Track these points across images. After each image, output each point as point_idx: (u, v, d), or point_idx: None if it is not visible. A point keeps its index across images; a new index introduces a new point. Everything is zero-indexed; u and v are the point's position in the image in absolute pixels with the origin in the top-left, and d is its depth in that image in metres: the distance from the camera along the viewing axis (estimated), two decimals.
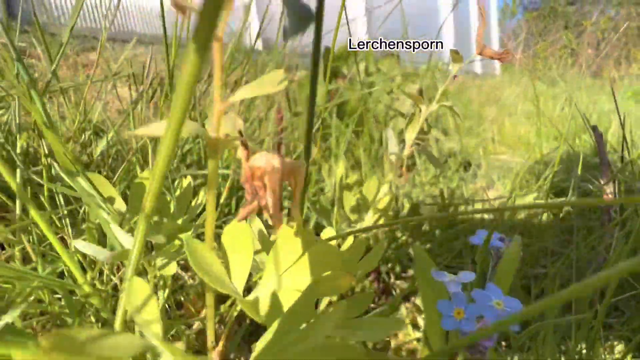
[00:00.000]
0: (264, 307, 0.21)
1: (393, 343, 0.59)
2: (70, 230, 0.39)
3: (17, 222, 0.35)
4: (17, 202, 0.35)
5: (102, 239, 0.40)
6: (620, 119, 0.80)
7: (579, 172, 1.05)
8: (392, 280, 0.62)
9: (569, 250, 0.71)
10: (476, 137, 1.81)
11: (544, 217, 0.96)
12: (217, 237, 0.26)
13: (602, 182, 0.76)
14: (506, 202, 0.94)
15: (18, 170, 0.34)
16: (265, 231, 0.28)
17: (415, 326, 0.57)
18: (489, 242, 0.28)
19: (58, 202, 0.37)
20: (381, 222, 0.43)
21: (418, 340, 0.53)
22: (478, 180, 1.13)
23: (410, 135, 0.40)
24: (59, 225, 0.39)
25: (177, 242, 0.32)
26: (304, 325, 0.19)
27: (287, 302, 0.21)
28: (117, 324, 0.21)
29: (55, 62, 0.40)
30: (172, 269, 0.31)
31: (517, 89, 4.31)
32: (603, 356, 0.50)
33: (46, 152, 0.36)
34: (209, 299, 0.24)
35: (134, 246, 0.20)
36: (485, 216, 0.83)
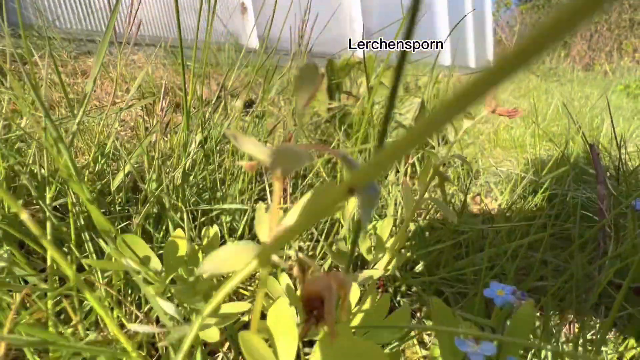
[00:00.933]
0: None
1: None
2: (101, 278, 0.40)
3: (50, 279, 0.36)
4: (48, 256, 0.36)
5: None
6: (612, 124, 0.83)
7: (571, 182, 1.08)
8: (398, 298, 0.65)
9: (567, 265, 0.75)
10: (473, 138, 1.84)
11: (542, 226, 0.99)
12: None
13: (599, 201, 0.79)
14: (505, 212, 0.98)
15: (48, 225, 0.36)
16: (292, 285, 0.31)
17: (422, 343, 0.60)
18: (502, 298, 0.30)
19: (87, 249, 0.39)
20: (394, 262, 0.45)
21: (425, 358, 0.56)
22: (476, 188, 1.16)
23: (423, 190, 0.42)
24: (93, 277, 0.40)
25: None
26: None
27: None
28: None
29: (82, 106, 0.41)
30: (216, 336, 0.32)
31: (511, 84, 4.34)
32: None
33: (74, 201, 0.37)
34: None
35: (189, 334, 0.22)
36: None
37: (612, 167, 1.20)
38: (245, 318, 0.53)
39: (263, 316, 0.29)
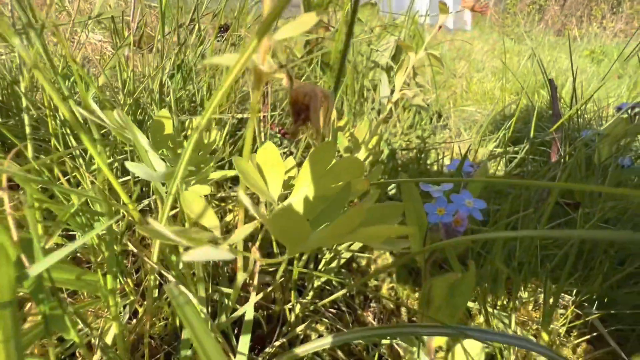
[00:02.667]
0: (298, 209, 0.27)
1: (373, 267, 0.68)
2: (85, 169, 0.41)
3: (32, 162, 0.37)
4: (29, 144, 0.36)
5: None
6: (573, 74, 0.89)
7: (534, 123, 1.17)
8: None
9: (518, 191, 0.83)
10: (447, 90, 1.89)
11: (502, 163, 1.08)
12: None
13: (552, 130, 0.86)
14: (471, 148, 1.04)
15: (26, 118, 0.35)
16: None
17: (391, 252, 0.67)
18: (462, 167, 0.35)
19: (70, 144, 0.39)
20: (370, 160, 0.49)
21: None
22: (447, 131, 1.22)
23: (400, 81, 0.45)
24: (71, 165, 0.41)
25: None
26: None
27: (317, 206, 0.26)
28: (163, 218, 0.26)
29: None
30: (206, 190, 0.35)
31: (486, 46, 4.39)
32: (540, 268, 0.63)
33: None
34: (241, 214, 0.29)
35: (181, 160, 0.24)
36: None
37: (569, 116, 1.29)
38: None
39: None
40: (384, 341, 0.50)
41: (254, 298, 0.35)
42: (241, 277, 0.35)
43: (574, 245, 0.55)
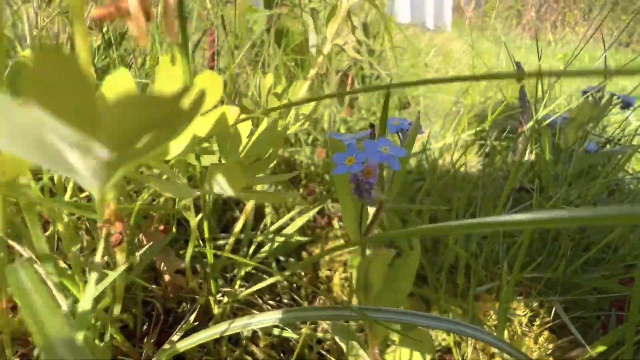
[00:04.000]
0: None
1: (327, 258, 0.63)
2: None
3: None
4: None
5: None
6: (538, 53, 0.87)
7: (498, 111, 1.15)
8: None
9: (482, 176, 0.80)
10: (426, 86, 1.88)
11: (472, 149, 1.05)
12: None
13: (520, 115, 0.84)
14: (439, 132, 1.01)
15: None
16: None
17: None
18: (398, 125, 0.30)
19: None
20: (306, 126, 0.44)
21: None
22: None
23: (332, 29, 0.40)
24: None
25: None
26: None
27: None
28: None
29: None
30: None
31: (464, 46, 4.46)
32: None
33: None
34: None
35: None
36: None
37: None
38: None
39: None
40: (327, 336, 0.45)
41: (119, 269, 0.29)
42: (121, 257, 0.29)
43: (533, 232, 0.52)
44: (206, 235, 0.37)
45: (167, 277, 0.41)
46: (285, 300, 0.50)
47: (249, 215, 0.51)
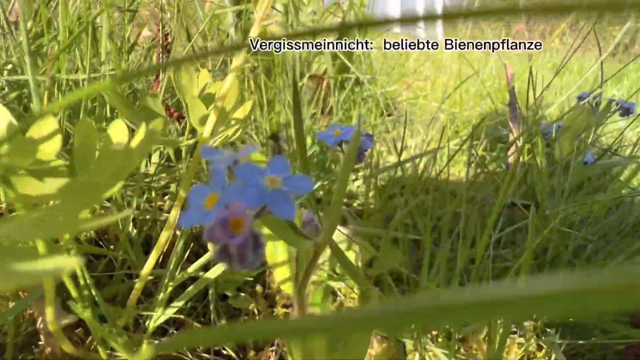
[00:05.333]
0: None
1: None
2: None
3: None
4: None
5: None
6: (530, 79, 0.80)
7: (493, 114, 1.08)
8: None
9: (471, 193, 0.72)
10: (412, 93, 1.82)
11: (463, 159, 0.97)
12: None
13: (510, 122, 0.77)
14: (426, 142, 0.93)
15: None
16: None
17: None
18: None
19: None
20: (238, 135, 0.35)
21: None
22: (402, 127, 1.11)
23: (263, 5, 0.32)
24: None
25: None
26: None
27: None
28: None
29: None
30: None
31: (456, 53, 4.47)
32: None
33: None
34: None
35: None
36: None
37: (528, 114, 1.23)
38: None
39: None
40: None
41: None
42: None
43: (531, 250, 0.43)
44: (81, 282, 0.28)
45: (42, 339, 0.30)
46: (227, 352, 0.40)
47: (164, 248, 0.40)
